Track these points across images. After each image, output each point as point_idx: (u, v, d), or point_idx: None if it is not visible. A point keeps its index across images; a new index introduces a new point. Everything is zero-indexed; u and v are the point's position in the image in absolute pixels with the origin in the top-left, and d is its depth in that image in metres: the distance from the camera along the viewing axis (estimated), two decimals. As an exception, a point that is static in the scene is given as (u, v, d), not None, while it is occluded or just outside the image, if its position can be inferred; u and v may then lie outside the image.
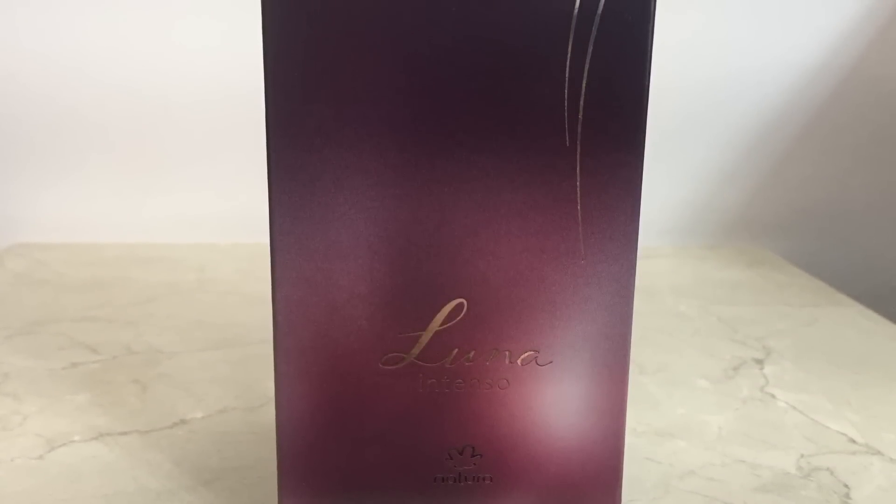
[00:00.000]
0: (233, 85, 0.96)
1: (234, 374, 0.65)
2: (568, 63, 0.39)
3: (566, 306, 0.42)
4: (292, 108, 0.39)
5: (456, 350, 0.42)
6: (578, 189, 0.41)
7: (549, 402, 0.44)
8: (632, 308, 0.43)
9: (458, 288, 0.42)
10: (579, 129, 0.40)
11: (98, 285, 0.86)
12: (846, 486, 0.52)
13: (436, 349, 0.42)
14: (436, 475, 0.44)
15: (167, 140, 1.00)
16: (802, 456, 0.55)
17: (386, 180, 0.40)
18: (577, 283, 0.42)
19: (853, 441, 0.58)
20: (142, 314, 0.78)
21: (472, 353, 0.43)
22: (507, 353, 0.43)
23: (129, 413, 0.59)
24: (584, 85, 0.39)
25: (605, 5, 0.38)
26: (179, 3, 0.95)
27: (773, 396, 0.64)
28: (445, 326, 0.42)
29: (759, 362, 0.70)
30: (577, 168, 0.40)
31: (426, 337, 0.42)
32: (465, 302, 0.42)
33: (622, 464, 0.46)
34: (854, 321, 0.81)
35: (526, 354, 0.43)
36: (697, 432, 0.58)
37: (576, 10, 0.38)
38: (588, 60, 0.39)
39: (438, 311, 0.42)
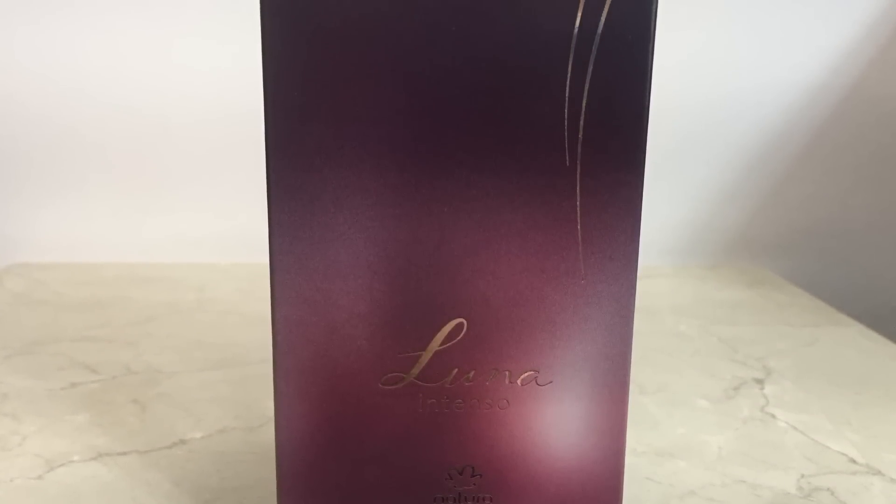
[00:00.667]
0: (232, 104, 0.96)
1: (233, 393, 0.65)
2: (568, 82, 0.39)
3: (566, 326, 0.42)
4: (292, 128, 0.39)
5: (456, 370, 0.42)
6: (578, 208, 0.41)
7: (549, 422, 0.44)
8: (632, 328, 0.43)
9: (458, 308, 0.41)
10: (579, 149, 0.40)
11: (97, 305, 0.86)
12: (847, 506, 0.52)
13: (435, 369, 0.42)
14: (436, 495, 0.44)
15: (166, 160, 1.00)
16: (803, 476, 0.55)
17: (385, 200, 0.40)
18: (578, 303, 0.42)
19: (854, 461, 0.57)
20: (141, 334, 0.78)
21: (472, 372, 0.42)
22: (506, 372, 0.43)
23: (129, 433, 0.59)
24: (584, 104, 0.39)
25: (605, 24, 0.38)
26: (179, 22, 0.95)
27: (773, 416, 0.64)
28: (445, 346, 0.42)
29: (760, 382, 0.70)
30: (577, 187, 0.40)
31: (426, 357, 0.42)
32: (464, 322, 0.42)
33: (622, 484, 0.45)
34: (855, 341, 0.81)
35: (526, 374, 0.43)
36: (698, 452, 0.58)
37: (576, 30, 0.38)
38: (588, 80, 0.39)
39: (438, 330, 0.42)
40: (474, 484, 0.44)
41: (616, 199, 0.41)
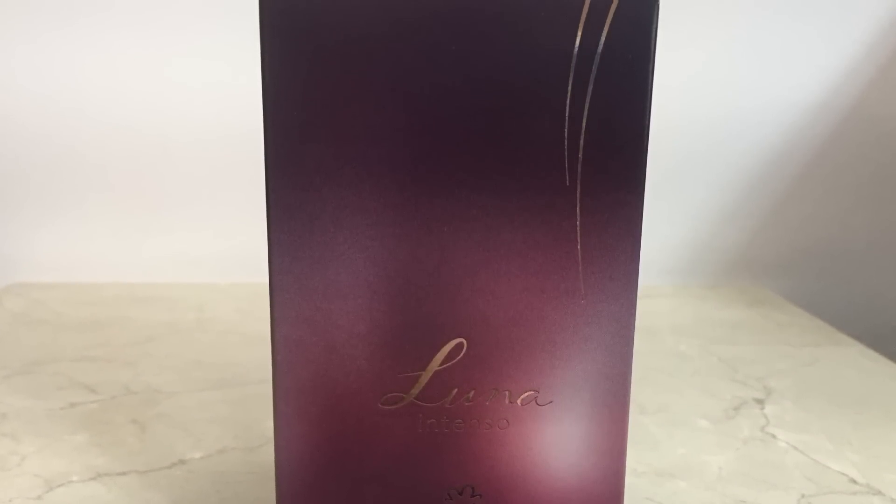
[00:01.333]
0: (232, 124, 0.96)
1: (233, 413, 0.65)
2: (568, 102, 0.39)
3: (566, 346, 0.42)
4: (292, 147, 0.39)
5: (455, 390, 0.42)
6: (578, 228, 0.41)
7: (549, 442, 0.44)
8: (632, 348, 0.43)
9: (458, 327, 0.41)
10: (579, 168, 0.40)
11: (97, 325, 0.86)
12: (848, 526, 0.52)
13: (435, 389, 0.42)
14: (435, 516, 0.44)
15: (166, 180, 1.00)
16: (803, 496, 0.55)
17: (385, 219, 0.40)
18: (578, 323, 0.42)
19: (854, 481, 0.57)
20: (140, 354, 0.78)
21: (472, 392, 0.42)
22: (506, 392, 0.43)
23: (128, 453, 0.58)
24: (584, 124, 0.39)
25: (605, 44, 0.38)
26: (178, 42, 0.96)
27: (773, 436, 0.63)
28: (445, 366, 0.42)
29: (760, 402, 0.70)
30: (578, 207, 0.40)
31: (426, 377, 0.42)
32: (464, 342, 0.42)
33: (623, 504, 0.45)
34: (855, 361, 0.81)
35: (526, 394, 0.43)
36: (698, 472, 0.58)
37: (576, 49, 0.38)
38: (588, 99, 0.39)
39: (438, 350, 0.42)
40: (474, 504, 0.44)
41: (616, 219, 0.41)
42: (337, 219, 0.40)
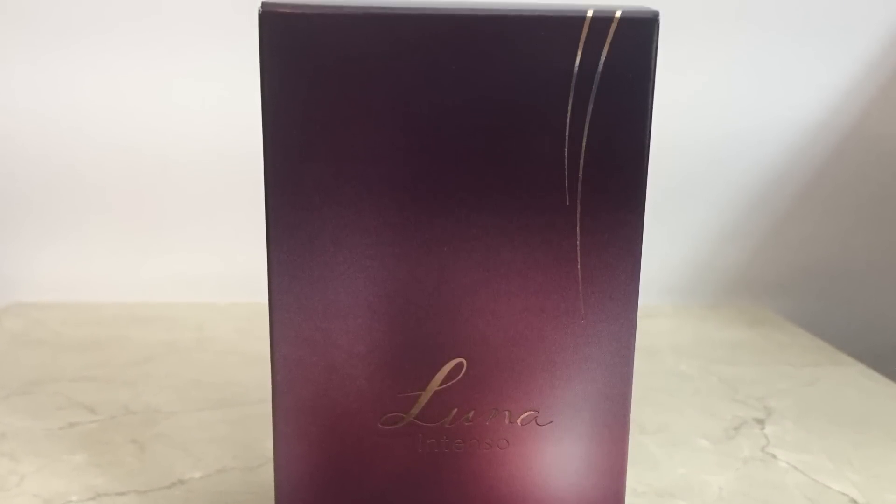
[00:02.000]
0: (231, 144, 0.96)
1: (232, 433, 0.65)
2: (568, 121, 0.39)
3: (566, 366, 0.42)
4: (291, 167, 0.39)
5: (455, 410, 0.42)
6: (578, 248, 0.41)
7: (549, 462, 0.44)
8: (632, 367, 0.43)
9: (458, 347, 0.41)
10: (579, 188, 0.40)
11: (96, 345, 0.86)
12: (849, 547, 0.52)
13: (435, 409, 0.42)
14: (435, 536, 0.44)
15: (165, 200, 1.00)
16: (805, 517, 0.55)
17: (385, 239, 0.40)
18: (578, 343, 0.42)
19: (855, 501, 0.57)
20: (140, 374, 0.77)
21: (472, 412, 0.42)
22: (506, 412, 0.43)
23: (127, 473, 0.58)
24: (584, 143, 0.39)
25: (605, 64, 0.38)
26: (178, 62, 0.96)
27: (774, 456, 0.63)
28: (445, 386, 0.42)
29: (760, 422, 0.70)
30: (578, 227, 0.40)
31: (425, 397, 0.42)
32: (464, 361, 0.42)
33: (623, 525, 0.45)
34: (855, 381, 0.81)
35: (526, 414, 0.43)
36: (698, 492, 0.58)
37: (576, 69, 0.38)
38: (588, 119, 0.39)
39: (438, 370, 0.42)
40: (474, 524, 0.44)
41: (616, 239, 0.41)
42: (336, 238, 0.40)
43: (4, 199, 0.98)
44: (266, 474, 0.58)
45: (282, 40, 0.38)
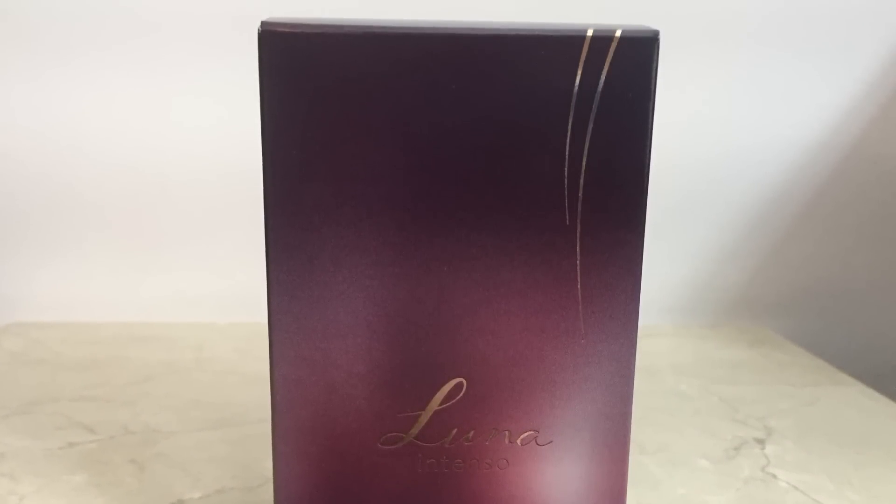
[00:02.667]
0: (231, 163, 0.96)
1: (232, 453, 0.65)
2: (568, 141, 0.39)
3: (566, 386, 0.42)
4: (291, 186, 0.39)
5: (455, 430, 0.42)
6: (578, 267, 0.41)
7: (549, 482, 0.43)
8: (632, 387, 0.43)
9: (458, 367, 0.41)
10: (579, 207, 0.40)
11: (95, 364, 0.86)
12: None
13: (435, 429, 0.42)
14: (435, 556, 0.44)
15: (165, 219, 1.00)
16: (806, 537, 0.55)
17: (385, 259, 0.40)
18: (578, 363, 0.42)
19: (856, 522, 0.57)
20: (139, 393, 0.77)
21: (472, 432, 0.42)
22: (506, 432, 0.42)
23: (127, 493, 0.58)
24: (584, 163, 0.39)
25: (605, 83, 0.38)
26: (177, 81, 0.96)
27: (774, 476, 0.63)
28: (445, 406, 0.42)
29: (761, 442, 0.69)
30: (578, 246, 0.40)
31: (425, 416, 0.42)
32: (464, 381, 0.42)
33: (623, 545, 0.45)
34: (856, 400, 0.81)
35: (526, 434, 0.43)
36: (699, 513, 0.58)
37: (576, 88, 0.38)
38: (588, 138, 0.39)
39: (437, 390, 0.42)
40: (474, 545, 0.44)
41: (616, 258, 0.41)
42: (336, 258, 0.40)
43: (3, 217, 0.98)
44: (266, 494, 0.58)
45: (281, 60, 0.38)
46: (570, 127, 0.39)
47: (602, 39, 0.38)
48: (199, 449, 0.65)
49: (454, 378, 0.42)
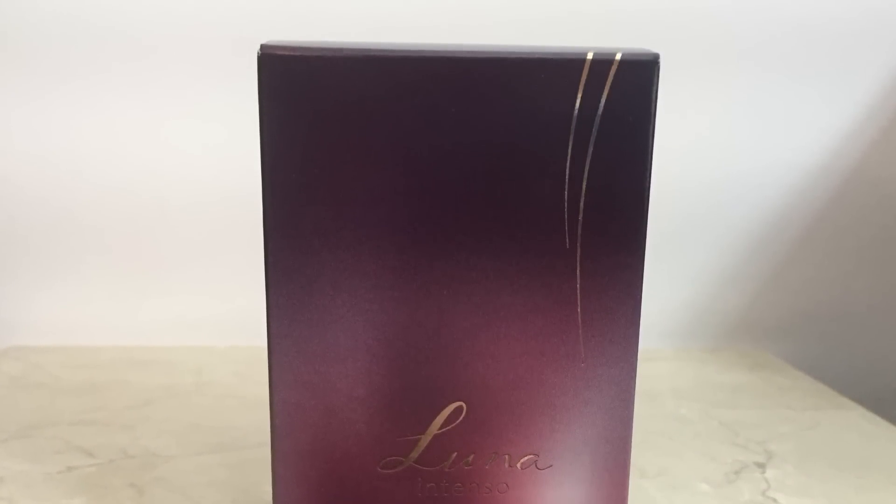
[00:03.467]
0: (230, 186, 0.96)
1: (231, 477, 0.65)
2: (568, 164, 0.39)
3: (566, 410, 0.42)
4: (290, 210, 0.39)
5: (455, 454, 0.42)
6: (578, 291, 0.40)
7: (550, 506, 0.43)
8: (632, 411, 0.43)
9: (457, 391, 0.41)
10: (579, 231, 0.40)
11: (94, 388, 0.86)
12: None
13: (435, 453, 0.42)
14: (434, 581, 0.44)
15: (164, 242, 1.00)
16: (807, 562, 0.55)
17: (384, 282, 0.40)
18: (578, 387, 0.42)
19: (858, 546, 0.57)
20: (138, 417, 0.77)
21: (472, 456, 0.42)
22: (506, 456, 0.42)
23: (125, 518, 0.58)
24: (584, 186, 0.39)
25: (605, 106, 0.38)
26: (176, 104, 0.96)
27: (775, 501, 0.63)
28: (444, 430, 0.42)
29: (761, 466, 0.69)
30: (578, 270, 0.40)
31: (425, 440, 0.42)
32: (464, 405, 0.41)
33: (624, 570, 0.45)
34: (857, 424, 0.81)
35: (525, 458, 0.42)
36: (700, 537, 0.58)
37: (576, 111, 0.38)
38: (588, 162, 0.39)
39: (437, 414, 0.42)
40: (474, 570, 0.44)
41: (616, 282, 0.41)
42: (335, 281, 0.40)
43: (2, 241, 0.98)
44: (265, 518, 0.58)
45: (281, 83, 0.38)
46: (570, 150, 0.39)
47: (602, 62, 0.38)
48: (198, 473, 0.65)
49: (454, 402, 0.41)
